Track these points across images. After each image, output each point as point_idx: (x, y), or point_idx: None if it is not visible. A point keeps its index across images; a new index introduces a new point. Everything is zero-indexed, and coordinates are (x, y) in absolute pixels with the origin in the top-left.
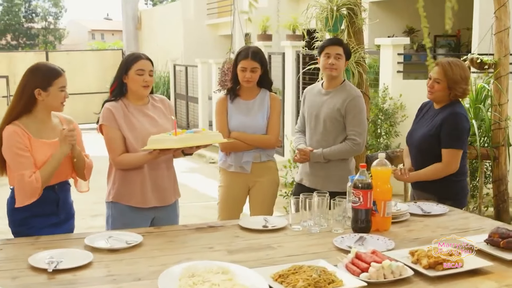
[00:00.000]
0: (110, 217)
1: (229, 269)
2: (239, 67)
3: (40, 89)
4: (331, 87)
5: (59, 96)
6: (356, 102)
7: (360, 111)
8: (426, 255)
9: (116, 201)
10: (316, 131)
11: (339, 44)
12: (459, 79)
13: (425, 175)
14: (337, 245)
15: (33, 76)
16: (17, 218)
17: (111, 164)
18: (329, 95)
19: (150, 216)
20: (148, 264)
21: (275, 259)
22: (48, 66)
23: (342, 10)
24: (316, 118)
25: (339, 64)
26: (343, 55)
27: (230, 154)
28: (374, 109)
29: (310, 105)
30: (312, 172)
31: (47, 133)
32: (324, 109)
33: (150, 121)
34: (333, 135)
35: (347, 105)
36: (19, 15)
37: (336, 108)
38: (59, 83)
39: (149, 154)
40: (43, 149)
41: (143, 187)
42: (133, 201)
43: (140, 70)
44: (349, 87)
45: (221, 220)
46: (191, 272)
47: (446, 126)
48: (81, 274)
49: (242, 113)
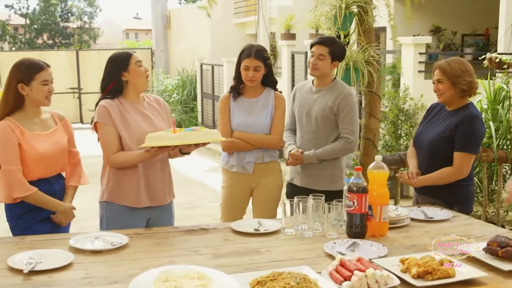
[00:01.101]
0: (104, 218)
1: (205, 275)
2: (242, 66)
3: (23, 83)
4: (321, 85)
5: (42, 90)
6: (348, 100)
7: (351, 109)
8: (416, 264)
9: (110, 201)
10: (308, 129)
11: (324, 44)
12: (459, 72)
13: (434, 179)
14: (327, 251)
15: (16, 71)
16: (14, 213)
17: (105, 164)
18: (320, 93)
19: (145, 217)
20: (129, 267)
21: (259, 264)
22: (31, 61)
23: (352, 8)
24: (307, 116)
25: (321, 65)
26: (327, 56)
27: (232, 154)
28: (394, 109)
29: (301, 102)
30: (304, 172)
31: (39, 126)
32: (315, 107)
33: (146, 120)
34: (325, 133)
35: (339, 103)
36: (55, 15)
37: (328, 106)
38: (41, 77)
39: (146, 152)
40: (37, 140)
41: (137, 187)
42: (127, 201)
43: (139, 61)
44: (340, 85)
45: (223, 222)
46: (165, 277)
47: (462, 128)
48: (58, 276)
49: (244, 112)
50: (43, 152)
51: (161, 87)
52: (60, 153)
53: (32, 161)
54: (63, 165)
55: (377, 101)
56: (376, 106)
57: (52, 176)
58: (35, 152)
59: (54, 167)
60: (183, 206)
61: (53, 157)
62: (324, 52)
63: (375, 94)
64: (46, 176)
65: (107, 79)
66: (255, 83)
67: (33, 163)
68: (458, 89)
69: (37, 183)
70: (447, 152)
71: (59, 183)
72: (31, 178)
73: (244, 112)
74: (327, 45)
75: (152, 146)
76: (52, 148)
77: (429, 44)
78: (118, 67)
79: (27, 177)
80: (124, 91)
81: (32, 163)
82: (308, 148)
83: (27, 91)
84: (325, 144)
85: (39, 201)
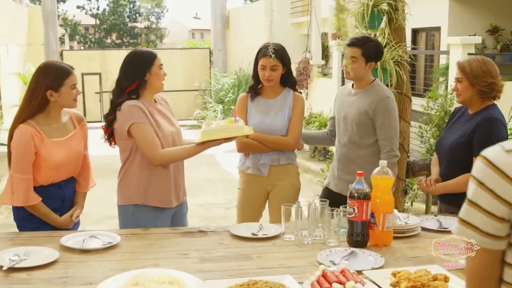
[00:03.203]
0: (131, 221)
1: (178, 280)
2: (259, 65)
3: (52, 90)
4: (359, 87)
5: (70, 94)
6: (385, 104)
7: (389, 114)
8: (407, 278)
9: (141, 204)
10: (344, 134)
11: (355, 45)
12: (479, 72)
13: (453, 186)
14: (320, 259)
15: (44, 78)
16: (22, 213)
17: (126, 166)
18: (357, 96)
19: (171, 215)
20: (110, 268)
21: (245, 271)
22: (57, 65)
23: (382, 6)
24: (344, 120)
25: (354, 67)
26: (360, 57)
27: (248, 155)
28: (440, 111)
29: (340, 106)
30: (339, 176)
31: (59, 131)
32: (352, 111)
33: (167, 120)
34: (360, 138)
35: (376, 107)
36: (124, 15)
37: (363, 110)
38: (70, 82)
39: (198, 146)
40: (56, 148)
41: (168, 186)
42: (158, 201)
43: (162, 64)
44: (377, 87)
45: (238, 224)
46: (136, 280)
47: (480, 132)
48: (36, 274)
49: (261, 113)
50: (60, 160)
51: (217, 86)
52: (76, 160)
53: (47, 168)
54: (76, 169)
55: (407, 103)
56: (406, 109)
57: (63, 180)
58: (52, 160)
59: (67, 172)
60: (224, 206)
61: (68, 164)
62: (356, 54)
63: (405, 95)
64: (58, 181)
65: (132, 77)
66: (272, 83)
67: (48, 170)
68: (477, 90)
69: (48, 188)
70: (467, 157)
71: (69, 188)
72: (42, 183)
73: (261, 113)
74: (359, 46)
75: (213, 139)
76: (69, 155)
77: (485, 45)
78: (143, 67)
79: (39, 182)
80: (142, 91)
81: (47, 170)
82: (344, 154)
83: (56, 97)
84: (359, 151)
85: (38, 212)
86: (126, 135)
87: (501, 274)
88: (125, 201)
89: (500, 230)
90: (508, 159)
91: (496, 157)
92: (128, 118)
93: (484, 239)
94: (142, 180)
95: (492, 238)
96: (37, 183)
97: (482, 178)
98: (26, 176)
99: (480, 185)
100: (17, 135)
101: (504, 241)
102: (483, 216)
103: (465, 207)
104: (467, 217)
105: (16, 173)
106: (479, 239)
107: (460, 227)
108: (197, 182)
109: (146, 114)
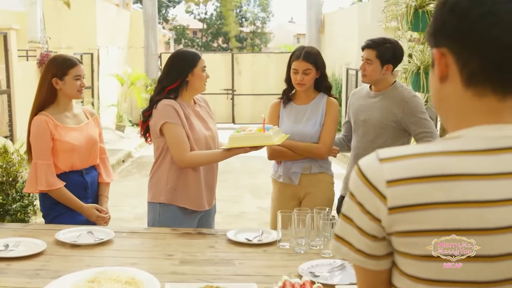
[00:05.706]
0: (157, 221)
1: (136, 280)
2: (291, 69)
3: (57, 78)
4: (379, 89)
5: (74, 84)
6: (414, 102)
7: (422, 110)
8: None
9: (168, 203)
10: (365, 138)
11: (370, 47)
12: None
13: None
14: (300, 271)
15: (51, 66)
16: (47, 202)
17: (157, 164)
18: (378, 98)
19: (197, 217)
20: (87, 263)
21: (218, 275)
22: (64, 57)
23: (429, 7)
24: (364, 123)
25: (369, 70)
26: (375, 59)
27: (280, 163)
28: None
29: (357, 109)
30: None
31: (72, 120)
32: (374, 114)
33: (203, 123)
34: (384, 141)
35: (405, 108)
36: None
37: (391, 113)
38: (74, 73)
39: (226, 152)
40: (70, 132)
41: (199, 189)
42: (187, 203)
43: (204, 66)
44: (401, 89)
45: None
46: (95, 277)
47: None
48: (15, 265)
49: (292, 119)
50: (76, 144)
51: None
52: (92, 146)
53: (65, 152)
54: (95, 157)
55: None
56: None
57: (85, 168)
58: (68, 144)
59: (86, 159)
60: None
61: (85, 148)
62: (371, 56)
63: None
64: (79, 168)
65: (174, 76)
66: (305, 88)
67: (66, 154)
68: None
69: (69, 174)
70: None
71: (91, 176)
72: (64, 169)
73: (292, 120)
74: (373, 48)
75: (240, 147)
76: (85, 140)
77: None
78: (187, 66)
79: (60, 168)
80: (182, 91)
81: (65, 154)
82: None
83: (61, 85)
84: None
85: (62, 197)
86: (159, 133)
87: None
88: (153, 199)
89: (375, 249)
90: (379, 169)
91: (367, 166)
92: (161, 116)
93: (360, 258)
94: (171, 179)
95: (368, 257)
96: (59, 170)
97: (353, 190)
98: (47, 162)
99: (352, 198)
100: (34, 126)
101: (385, 260)
102: (356, 232)
103: (339, 221)
104: (342, 233)
105: (38, 160)
106: (354, 257)
107: (335, 243)
108: (267, 184)
109: (180, 115)
